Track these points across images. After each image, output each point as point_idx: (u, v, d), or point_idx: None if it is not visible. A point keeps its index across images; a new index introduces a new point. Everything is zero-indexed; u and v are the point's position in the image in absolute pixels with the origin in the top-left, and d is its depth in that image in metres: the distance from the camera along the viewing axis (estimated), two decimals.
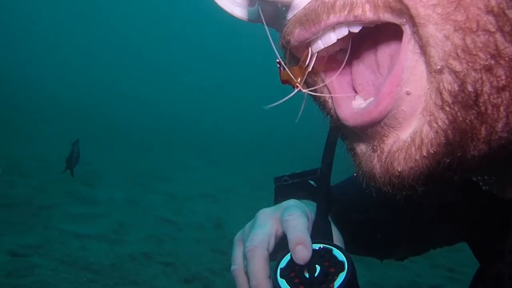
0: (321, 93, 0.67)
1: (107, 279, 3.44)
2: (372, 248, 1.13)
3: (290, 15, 0.62)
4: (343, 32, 0.58)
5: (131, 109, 13.06)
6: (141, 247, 4.13)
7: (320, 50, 0.61)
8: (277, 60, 0.64)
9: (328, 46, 0.61)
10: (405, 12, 0.52)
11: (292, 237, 0.76)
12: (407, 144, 0.55)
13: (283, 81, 0.65)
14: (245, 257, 0.80)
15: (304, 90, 0.65)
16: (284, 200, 0.91)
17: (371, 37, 0.65)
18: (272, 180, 1.03)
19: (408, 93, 0.53)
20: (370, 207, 1.05)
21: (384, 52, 0.63)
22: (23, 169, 5.96)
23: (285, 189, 0.99)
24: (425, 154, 0.53)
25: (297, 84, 0.63)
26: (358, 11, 0.54)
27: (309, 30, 0.58)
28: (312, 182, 1.00)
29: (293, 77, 0.63)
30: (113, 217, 4.83)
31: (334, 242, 0.81)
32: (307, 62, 0.62)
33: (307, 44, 0.62)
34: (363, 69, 0.66)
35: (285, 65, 0.65)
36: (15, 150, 6.85)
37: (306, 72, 0.63)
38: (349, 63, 0.67)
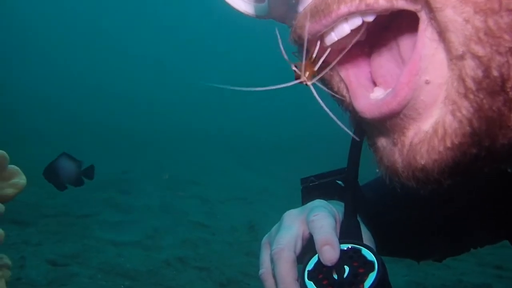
0: (338, 89, 0.65)
1: (144, 285, 3.50)
2: (407, 249, 1.09)
3: (301, 8, 0.61)
4: (356, 22, 0.57)
5: (153, 115, 13.27)
6: (176, 252, 4.18)
7: (334, 43, 0.60)
8: (287, 58, 0.62)
9: (343, 38, 0.59)
10: None
11: (318, 238, 0.74)
12: (429, 135, 0.53)
13: (296, 77, 0.62)
14: (272, 260, 0.78)
15: (308, 83, 0.61)
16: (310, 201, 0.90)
17: (395, 25, 0.63)
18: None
19: (427, 82, 0.52)
20: (402, 206, 1.02)
21: (407, 42, 0.61)
22: None
23: (312, 190, 0.98)
24: (449, 145, 0.51)
25: (305, 79, 0.61)
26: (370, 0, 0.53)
27: (320, 22, 0.57)
28: (339, 182, 0.98)
29: (300, 72, 0.61)
30: (148, 223, 4.92)
31: (364, 242, 0.79)
32: (314, 54, 0.60)
33: (320, 37, 0.60)
34: (385, 61, 0.64)
35: (299, 61, 0.63)
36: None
37: (317, 66, 0.61)
38: (367, 56, 0.66)
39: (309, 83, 0.61)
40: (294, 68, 0.61)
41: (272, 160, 9.55)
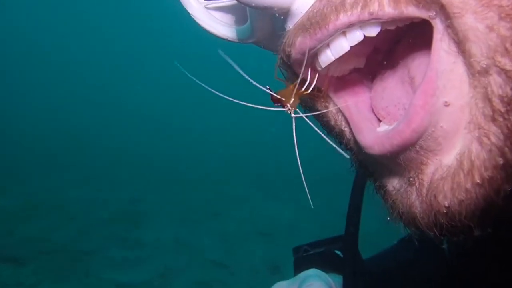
0: (335, 122, 0.64)
1: None
2: None
3: (290, 25, 0.60)
4: (356, 36, 0.55)
5: (168, 138, 13.45)
6: None
7: (331, 65, 0.59)
8: (267, 87, 0.63)
9: (340, 59, 0.58)
10: (434, 1, 0.49)
11: None
12: (453, 170, 0.51)
13: (274, 101, 0.63)
14: None
15: (292, 113, 0.61)
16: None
17: (402, 44, 0.62)
18: (342, 217, 1.00)
19: (446, 104, 0.50)
20: (410, 282, 0.97)
21: (418, 60, 0.60)
22: (68, 211, 6.30)
23: (306, 261, 0.96)
24: (478, 180, 0.49)
25: (287, 105, 0.61)
26: (374, 7, 0.51)
27: (314, 37, 0.56)
28: (338, 252, 0.97)
29: (282, 98, 0.61)
30: (159, 261, 4.88)
31: None
32: (299, 79, 0.59)
33: (313, 57, 0.59)
34: (390, 88, 0.63)
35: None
36: (60, 192, 7.25)
37: (303, 91, 0.61)
38: (368, 83, 0.65)
39: (293, 114, 0.60)
40: (269, 91, 0.60)
41: (302, 190, 9.42)
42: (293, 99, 0.60)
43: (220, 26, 0.71)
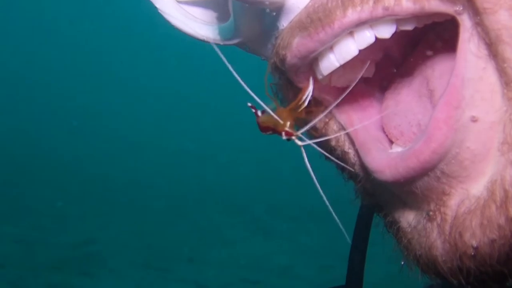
0: (337, 142, 0.66)
1: None
2: None
3: (284, 22, 0.61)
4: (367, 38, 0.56)
5: (136, 159, 13.40)
6: None
7: (334, 72, 0.60)
8: (249, 104, 0.64)
9: (346, 71, 0.60)
10: None
11: None
12: (482, 202, 0.51)
13: (264, 129, 0.64)
14: None
15: (296, 140, 0.62)
16: None
17: (420, 49, 0.64)
18: (344, 261, 1.00)
19: (474, 120, 0.51)
20: None
21: (440, 67, 0.62)
22: None
23: None
24: None
25: (286, 130, 0.61)
26: (389, 0, 0.52)
27: (315, 37, 0.57)
28: None
29: (278, 119, 0.62)
30: None
31: None
32: (306, 95, 0.61)
33: (312, 62, 0.60)
34: (404, 103, 0.66)
35: (277, 101, 0.65)
36: None
37: (300, 107, 0.62)
38: (379, 96, 0.67)
39: (299, 142, 0.61)
40: (271, 113, 0.60)
41: (296, 224, 9.42)
42: (289, 122, 0.61)
43: (196, 24, 0.72)
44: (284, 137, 0.62)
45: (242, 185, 11.86)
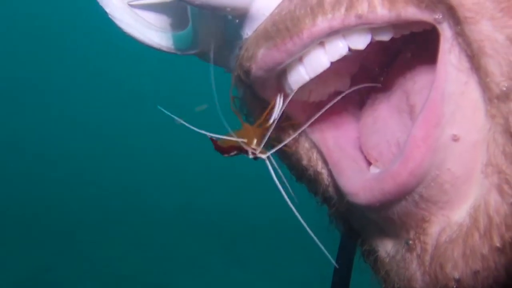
0: (309, 161, 0.65)
1: None
2: None
3: (248, 31, 0.61)
4: (339, 49, 0.56)
5: (101, 180, 13.25)
6: None
7: (304, 89, 0.60)
8: (209, 136, 0.63)
9: (318, 85, 0.60)
10: (441, 1, 0.50)
11: None
12: (465, 229, 0.51)
13: (225, 150, 0.63)
14: None
15: (263, 156, 0.61)
16: None
17: (399, 61, 0.65)
18: None
19: (455, 139, 0.51)
20: None
21: (421, 81, 0.62)
22: None
23: None
24: (498, 244, 0.49)
25: (253, 148, 0.61)
26: (362, 7, 0.52)
27: (282, 48, 0.56)
28: None
29: (245, 136, 0.61)
30: None
31: None
32: (274, 111, 0.60)
33: (281, 75, 0.60)
34: (383, 120, 0.65)
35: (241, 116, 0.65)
36: None
37: (266, 124, 0.62)
38: (355, 112, 0.67)
39: (263, 155, 0.60)
40: (232, 134, 0.59)
41: (279, 251, 9.37)
42: (255, 140, 0.60)
43: (150, 30, 0.71)
44: (250, 156, 0.61)
45: (217, 208, 11.82)
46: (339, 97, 0.63)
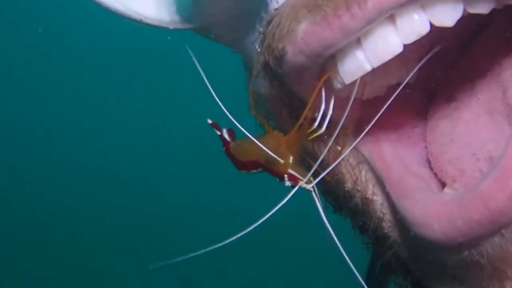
0: (355, 182, 0.52)
1: None
2: None
3: (275, 3, 0.50)
4: (416, 27, 0.45)
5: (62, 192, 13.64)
6: None
7: (367, 80, 0.49)
8: (209, 121, 0.54)
9: (376, 77, 0.49)
10: None
11: None
12: None
13: (246, 166, 0.52)
14: None
15: (308, 187, 0.48)
16: None
17: (486, 39, 0.54)
18: None
19: None
20: None
21: None
22: None
23: None
24: None
25: (290, 172, 0.48)
26: None
27: (335, 23, 0.44)
28: None
29: (272, 153, 0.49)
30: None
31: None
32: (317, 113, 0.49)
33: (326, 62, 0.48)
34: (465, 124, 0.53)
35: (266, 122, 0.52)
36: None
37: (306, 138, 0.50)
38: (421, 113, 0.56)
39: (308, 186, 0.47)
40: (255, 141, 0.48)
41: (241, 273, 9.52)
42: (292, 157, 0.48)
43: (143, 3, 0.60)
44: (287, 183, 0.49)
45: (221, 207, 12.02)
46: (402, 89, 0.50)
